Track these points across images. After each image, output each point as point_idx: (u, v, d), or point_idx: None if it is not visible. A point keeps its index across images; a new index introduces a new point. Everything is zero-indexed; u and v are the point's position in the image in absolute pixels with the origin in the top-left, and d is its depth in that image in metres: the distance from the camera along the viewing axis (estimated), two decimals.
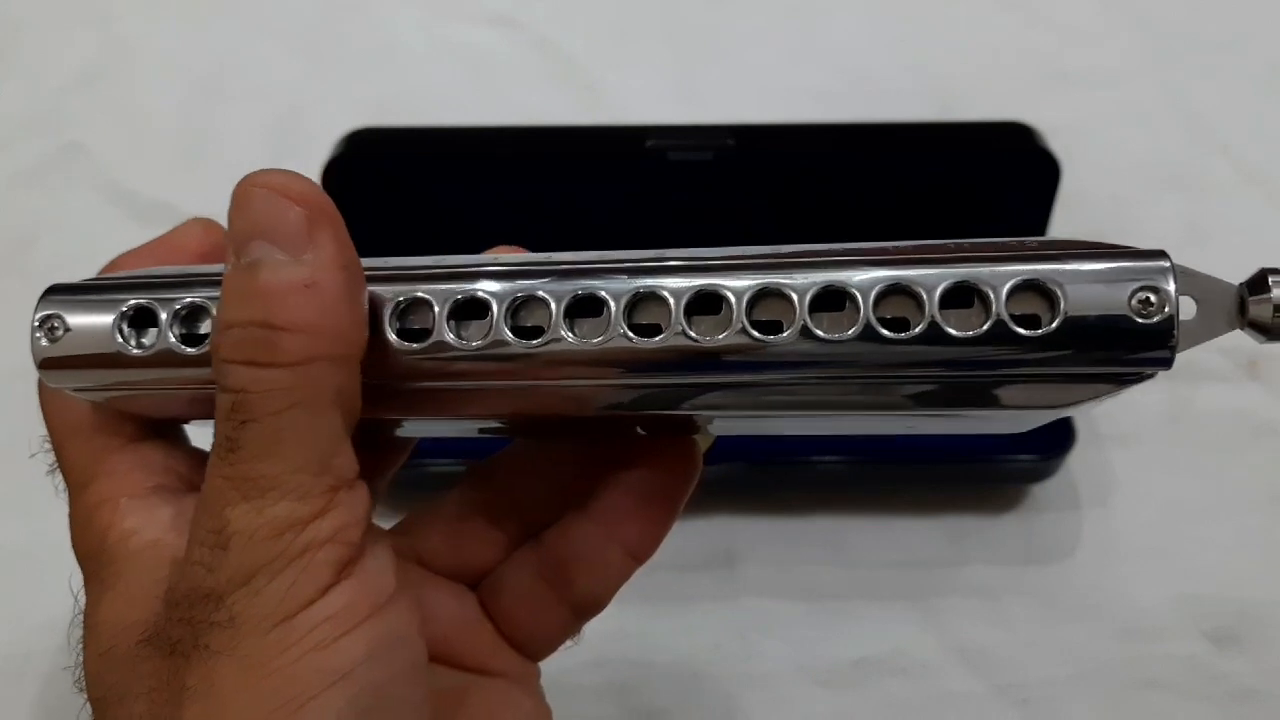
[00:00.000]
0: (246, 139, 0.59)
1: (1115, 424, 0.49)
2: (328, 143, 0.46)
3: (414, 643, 0.23)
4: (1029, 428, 0.24)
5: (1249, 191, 0.55)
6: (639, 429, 0.27)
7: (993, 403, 0.21)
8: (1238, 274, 0.22)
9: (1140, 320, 0.20)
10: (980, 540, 0.47)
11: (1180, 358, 0.21)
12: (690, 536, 0.47)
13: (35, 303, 0.24)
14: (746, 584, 0.46)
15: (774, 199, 0.48)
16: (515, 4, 0.62)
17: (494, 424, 0.26)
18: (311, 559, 0.21)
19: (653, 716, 0.44)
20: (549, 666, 0.28)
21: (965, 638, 0.44)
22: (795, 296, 0.21)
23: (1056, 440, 0.46)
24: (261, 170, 0.22)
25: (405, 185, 0.48)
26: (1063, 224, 0.47)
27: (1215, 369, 0.50)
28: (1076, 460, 0.46)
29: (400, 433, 0.28)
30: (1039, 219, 0.46)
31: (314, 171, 0.46)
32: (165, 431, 0.26)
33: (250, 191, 0.21)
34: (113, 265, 0.26)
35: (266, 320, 0.21)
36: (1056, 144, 0.45)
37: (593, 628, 0.44)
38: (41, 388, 0.25)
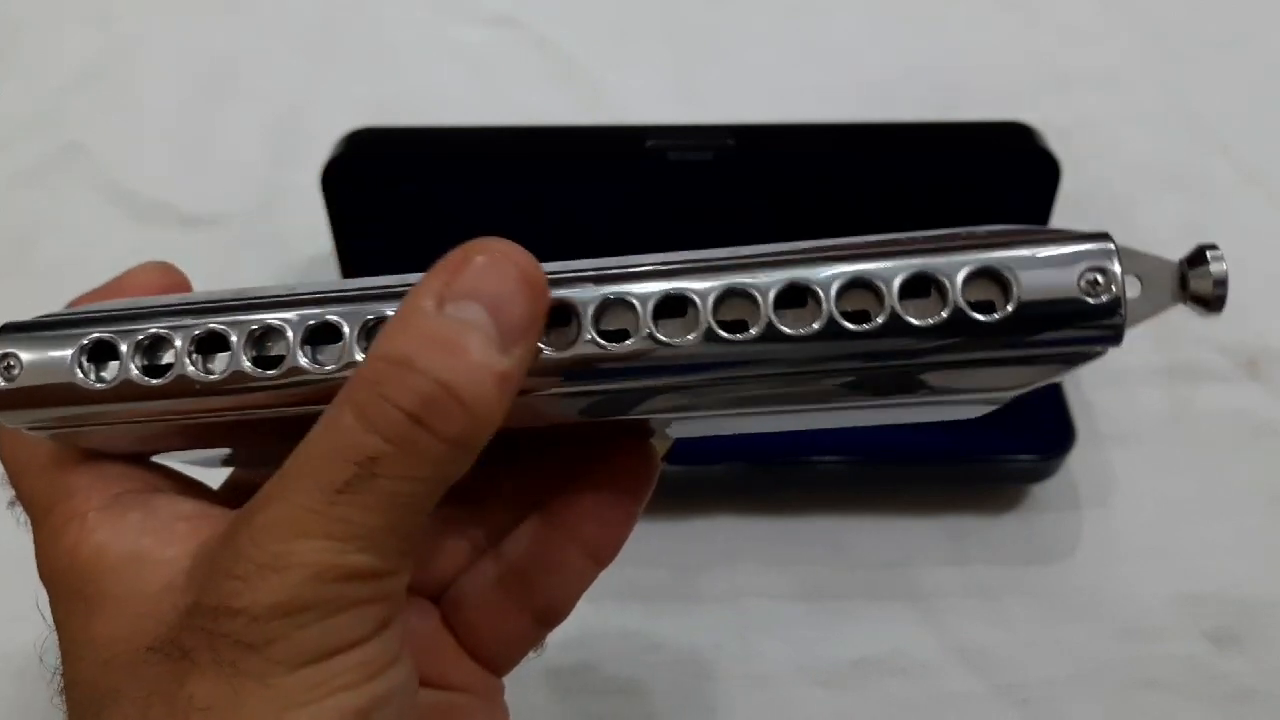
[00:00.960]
0: (246, 139, 0.59)
1: (1115, 424, 0.49)
2: (328, 142, 0.46)
3: (415, 682, 0.23)
4: (989, 410, 0.25)
5: (1249, 191, 0.55)
6: (594, 433, 0.27)
7: (955, 389, 0.22)
8: (1237, 273, 0.22)
9: (1090, 300, 0.21)
10: (980, 540, 0.47)
11: (1181, 358, 0.21)
12: (690, 536, 0.47)
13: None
14: (746, 584, 0.46)
15: (774, 199, 0.48)
16: (515, 4, 0.63)
17: None
18: (365, 611, 0.21)
19: (653, 717, 0.44)
20: (549, 667, 0.28)
21: (965, 638, 0.44)
22: (759, 295, 0.21)
23: (1056, 440, 0.46)
24: (506, 241, 0.21)
25: (405, 185, 0.48)
26: (1063, 224, 0.47)
27: (1215, 369, 0.50)
28: (1076, 460, 0.46)
29: None
30: (1039, 219, 0.46)
31: (314, 171, 0.46)
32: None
33: (489, 254, 0.21)
34: (71, 306, 0.25)
35: (455, 389, 0.20)
36: (1057, 144, 0.45)
37: (591, 628, 0.44)
38: None
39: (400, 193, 0.48)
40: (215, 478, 0.28)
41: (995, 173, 0.46)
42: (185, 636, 0.21)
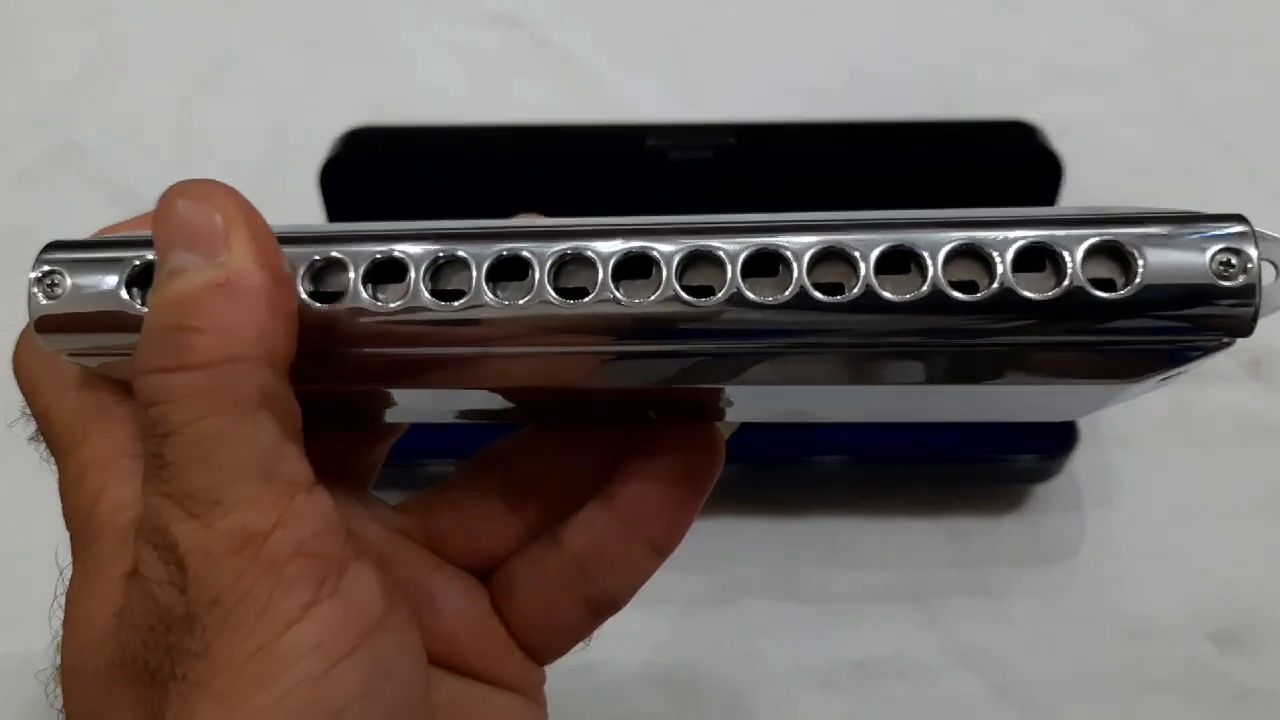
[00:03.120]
0: (245, 138, 0.58)
1: (1118, 424, 0.49)
2: (326, 141, 0.46)
3: (412, 671, 0.22)
4: (1085, 413, 0.24)
5: (1250, 191, 0.55)
6: (650, 414, 0.26)
7: (1066, 374, 0.20)
8: None
9: (1222, 284, 0.19)
10: (982, 541, 0.46)
11: None
12: (690, 537, 0.46)
13: (27, 310, 0.22)
14: (747, 585, 0.46)
15: (774, 198, 0.48)
16: (515, 2, 0.62)
17: (476, 406, 0.25)
18: (281, 574, 0.19)
19: (652, 718, 0.43)
20: (547, 667, 0.28)
21: (967, 639, 0.44)
22: (859, 257, 0.19)
23: (1059, 440, 0.45)
24: (179, 181, 0.21)
25: (404, 184, 0.47)
26: None
27: (1218, 369, 0.50)
28: (1079, 460, 0.46)
29: (390, 417, 0.27)
30: None
31: (313, 170, 0.46)
32: None
33: (168, 203, 0.21)
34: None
35: (179, 324, 0.19)
36: (1059, 143, 0.45)
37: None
38: (21, 349, 0.24)
39: (399, 191, 0.47)
40: None
41: (997, 171, 0.46)
42: (150, 655, 0.20)
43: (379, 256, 0.21)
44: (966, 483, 0.48)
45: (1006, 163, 0.45)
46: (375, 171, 0.47)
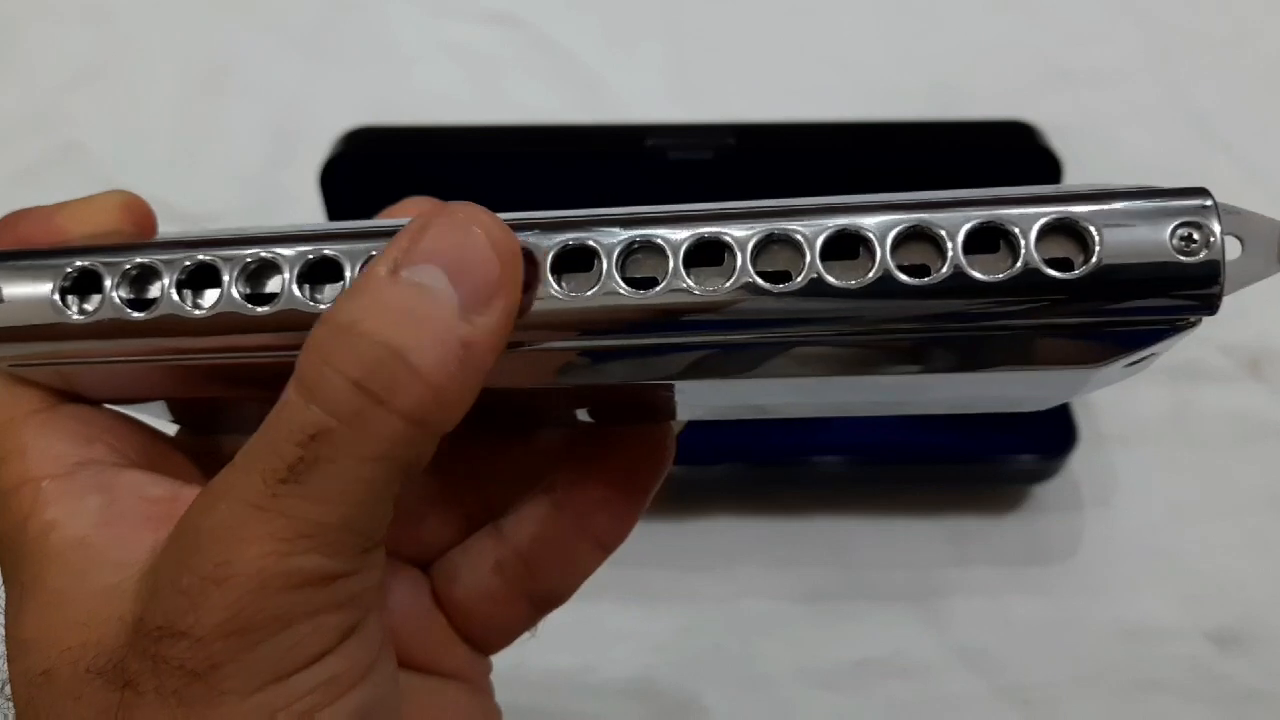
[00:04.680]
0: (245, 137, 0.59)
1: (1117, 424, 0.49)
2: (326, 141, 0.46)
3: (395, 690, 0.21)
4: (1052, 403, 0.23)
5: (1250, 191, 0.55)
6: (599, 416, 0.25)
7: (1020, 360, 0.19)
8: None
9: (1184, 261, 0.18)
10: (982, 541, 0.47)
11: (1182, 358, 0.20)
12: (690, 536, 0.47)
13: None
14: (747, 585, 0.46)
15: (774, 198, 0.48)
16: (515, 2, 0.62)
17: None
18: (323, 621, 0.19)
19: (653, 718, 0.43)
20: (547, 667, 0.28)
21: (967, 638, 0.44)
22: (805, 243, 0.19)
23: (1058, 440, 0.45)
24: (471, 204, 0.19)
25: (404, 184, 0.47)
26: None
27: (1217, 369, 0.50)
28: (1078, 461, 0.46)
29: None
30: None
31: (313, 170, 0.46)
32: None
33: (450, 216, 0.18)
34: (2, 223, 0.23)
35: (406, 353, 0.18)
36: (1058, 143, 0.45)
37: (591, 628, 0.44)
38: None
39: (399, 191, 0.47)
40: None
41: (996, 172, 0.46)
42: (130, 661, 0.19)
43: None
44: (966, 483, 0.48)
45: (1005, 163, 0.46)
46: (376, 171, 0.47)
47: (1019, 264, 0.18)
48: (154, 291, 0.21)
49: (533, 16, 0.62)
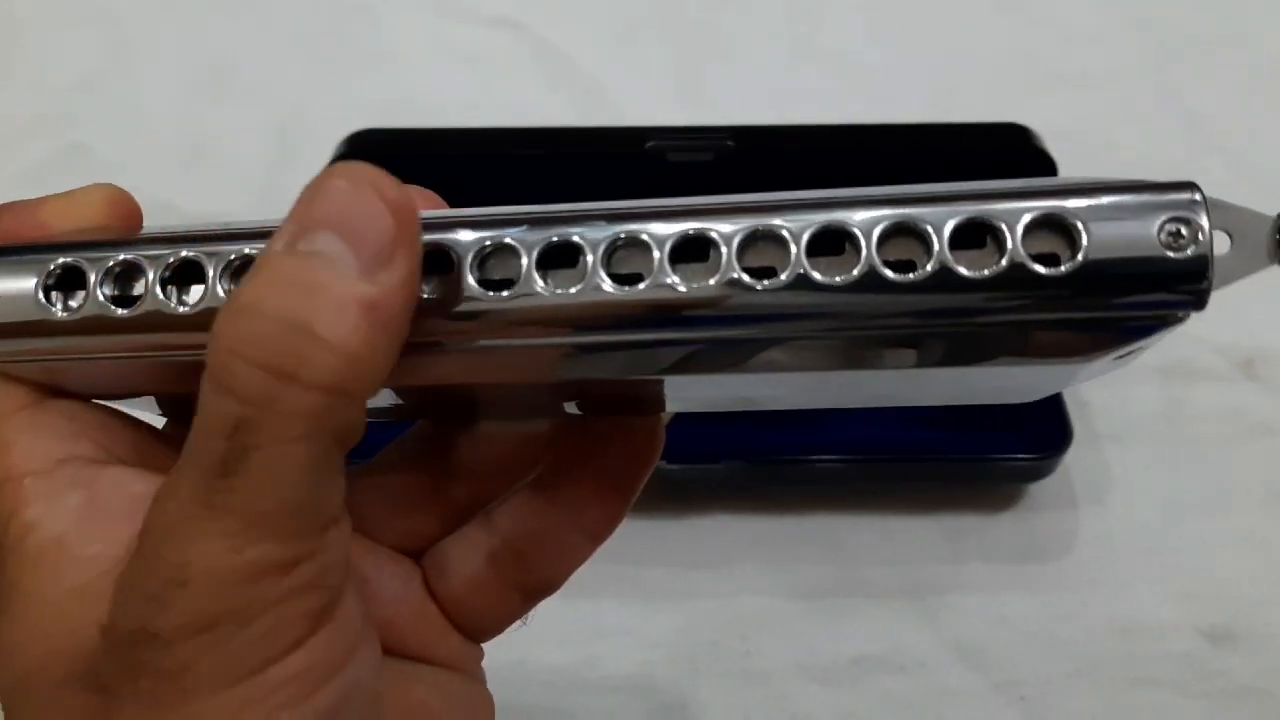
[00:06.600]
0: (249, 140, 0.59)
1: (1112, 423, 0.49)
2: (330, 144, 0.46)
3: (373, 680, 0.21)
4: (1041, 395, 0.23)
5: (1247, 192, 0.55)
6: (588, 407, 0.25)
7: (1007, 354, 0.19)
8: None
9: (1171, 256, 0.18)
10: (977, 538, 0.47)
11: (1177, 357, 0.20)
12: (688, 534, 0.47)
13: None
14: (744, 582, 0.46)
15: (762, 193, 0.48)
16: (516, 5, 0.63)
17: (382, 406, 0.23)
18: (289, 609, 0.18)
19: (652, 716, 0.44)
20: (547, 665, 0.28)
21: (963, 635, 0.45)
22: (790, 239, 0.19)
23: (1053, 439, 0.46)
24: (352, 162, 0.18)
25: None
26: None
27: (1211, 368, 0.50)
28: (1073, 459, 0.47)
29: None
30: None
31: (316, 172, 0.46)
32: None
33: (335, 180, 0.18)
34: None
35: (309, 325, 0.17)
36: (1053, 145, 0.45)
37: (591, 627, 0.45)
38: None
39: None
40: None
41: (992, 174, 0.46)
42: (106, 665, 0.19)
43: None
44: (962, 481, 0.48)
45: (1000, 165, 0.46)
46: None
47: (1005, 260, 0.18)
48: (138, 288, 0.21)
49: (534, 19, 0.62)
